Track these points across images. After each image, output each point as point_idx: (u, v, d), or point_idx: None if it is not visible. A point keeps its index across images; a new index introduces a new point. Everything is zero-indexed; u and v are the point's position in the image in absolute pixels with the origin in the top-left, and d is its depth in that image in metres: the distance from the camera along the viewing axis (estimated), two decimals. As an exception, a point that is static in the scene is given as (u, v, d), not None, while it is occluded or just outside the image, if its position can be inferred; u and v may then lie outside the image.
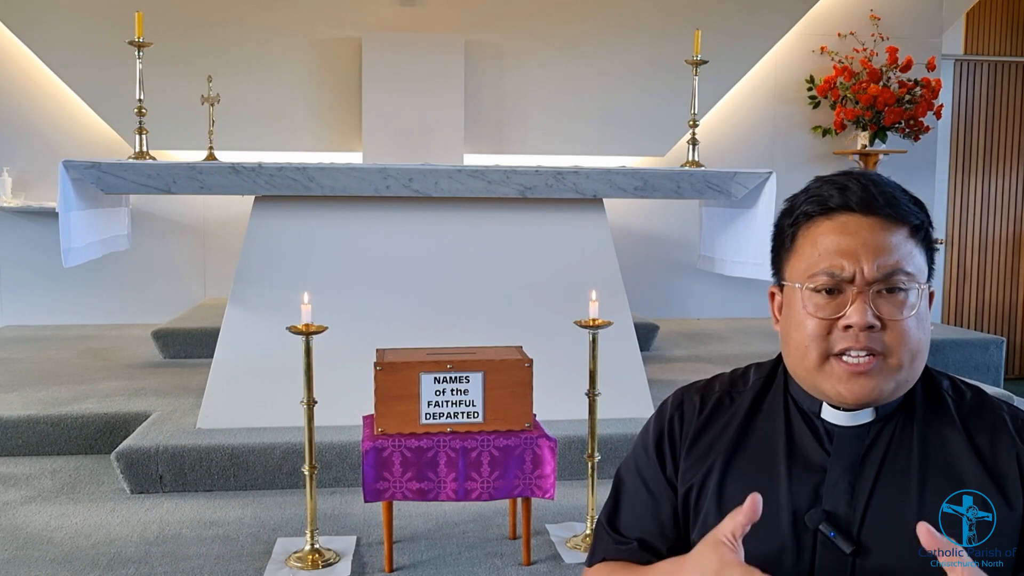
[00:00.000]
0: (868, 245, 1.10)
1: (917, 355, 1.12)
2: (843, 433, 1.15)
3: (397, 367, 2.58)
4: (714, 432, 1.22)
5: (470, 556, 2.71)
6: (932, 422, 1.15)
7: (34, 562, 2.62)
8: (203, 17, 5.60)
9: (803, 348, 1.13)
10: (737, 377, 1.28)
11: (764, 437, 1.20)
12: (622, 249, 4.42)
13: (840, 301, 1.11)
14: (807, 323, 1.12)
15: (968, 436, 1.13)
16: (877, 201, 1.11)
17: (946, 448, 1.13)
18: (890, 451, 1.14)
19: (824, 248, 1.12)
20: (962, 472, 1.11)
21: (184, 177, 3.40)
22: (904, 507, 1.10)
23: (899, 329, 1.10)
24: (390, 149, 5.51)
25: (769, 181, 3.69)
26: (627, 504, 1.28)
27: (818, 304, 1.12)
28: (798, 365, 1.15)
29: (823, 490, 1.13)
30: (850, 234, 1.11)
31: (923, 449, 1.13)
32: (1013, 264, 7.07)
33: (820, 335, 1.11)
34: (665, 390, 3.87)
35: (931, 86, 6.01)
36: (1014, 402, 4.15)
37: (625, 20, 5.93)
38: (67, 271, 4.82)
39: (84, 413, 3.64)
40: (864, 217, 1.12)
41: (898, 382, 1.11)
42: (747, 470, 1.18)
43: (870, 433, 1.15)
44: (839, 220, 1.13)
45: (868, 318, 1.08)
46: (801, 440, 1.17)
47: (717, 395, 1.26)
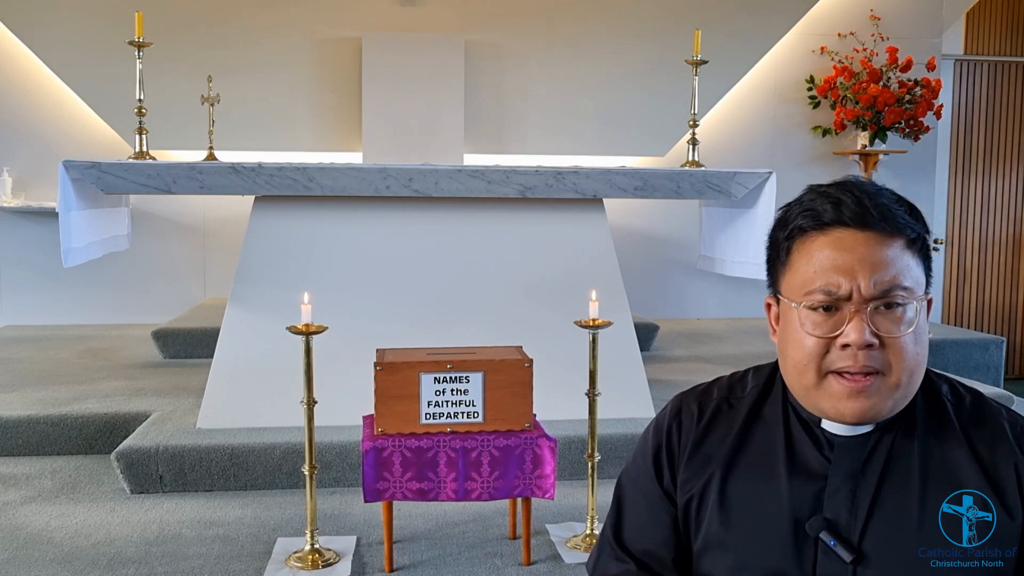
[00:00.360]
0: (864, 261, 1.08)
1: (915, 372, 1.11)
2: (843, 442, 1.14)
3: (397, 367, 2.58)
4: (713, 440, 1.22)
5: (470, 556, 2.71)
6: (933, 430, 1.14)
7: (34, 562, 2.62)
8: (203, 17, 5.60)
9: (801, 367, 1.12)
10: (735, 382, 1.27)
11: (764, 444, 1.19)
12: (622, 249, 4.42)
13: (837, 319, 1.09)
14: (805, 342, 1.11)
15: (969, 444, 1.13)
16: (872, 215, 1.09)
17: (947, 456, 1.12)
18: (891, 459, 1.13)
19: (819, 265, 1.10)
20: (963, 480, 1.10)
21: (184, 177, 3.40)
22: (906, 515, 1.10)
23: (897, 346, 1.08)
24: (390, 149, 5.51)
25: (769, 181, 3.69)
26: (629, 514, 1.28)
27: (815, 322, 1.10)
28: (796, 383, 1.15)
29: (824, 498, 1.12)
30: (846, 250, 1.09)
31: (924, 457, 1.12)
32: (1013, 264, 7.07)
33: (818, 354, 1.10)
34: (665, 390, 3.90)
35: (931, 86, 6.01)
36: (1014, 404, 4.17)
37: (625, 20, 5.93)
38: (67, 271, 4.82)
39: (84, 413, 3.64)
40: (859, 232, 1.10)
41: (895, 400, 1.10)
42: (747, 478, 1.18)
43: (870, 441, 1.14)
44: (834, 235, 1.11)
45: (866, 336, 1.07)
46: (801, 448, 1.16)
47: (715, 402, 1.25)
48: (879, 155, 6.09)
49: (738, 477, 1.18)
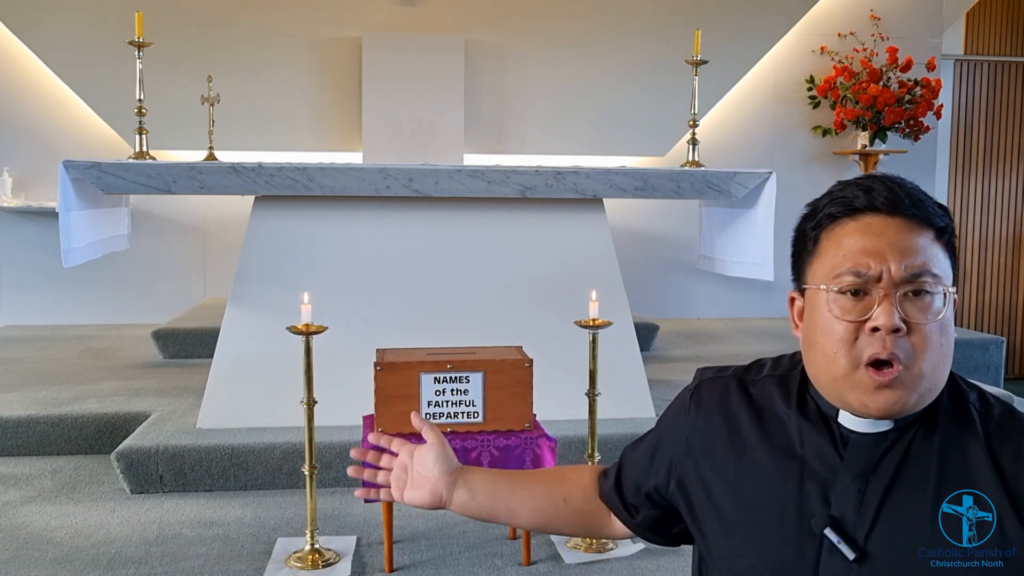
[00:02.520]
0: (895, 245, 1.08)
1: (939, 364, 1.09)
2: (859, 439, 1.13)
3: (397, 367, 2.58)
4: (727, 426, 1.21)
5: (470, 556, 2.71)
6: (955, 435, 1.12)
7: (34, 562, 2.62)
8: (203, 17, 5.60)
9: (831, 354, 1.10)
10: (753, 369, 1.27)
11: (777, 436, 1.18)
12: (622, 249, 4.42)
13: (866, 303, 1.08)
14: (835, 327, 1.09)
15: (991, 452, 1.10)
16: (903, 202, 1.09)
17: (967, 462, 1.10)
18: (907, 460, 1.11)
19: (849, 248, 1.10)
20: (982, 491, 1.08)
21: (184, 177, 3.40)
22: (916, 518, 1.08)
23: (923, 333, 1.07)
24: (390, 149, 5.51)
25: (769, 181, 3.69)
26: (644, 446, 1.33)
27: (844, 307, 1.09)
28: (824, 372, 1.12)
29: (831, 495, 1.11)
30: (876, 234, 1.09)
31: (942, 462, 1.11)
32: (1013, 264, 7.07)
33: (848, 340, 1.08)
34: (665, 390, 3.89)
35: (931, 86, 6.01)
36: (1014, 402, 4.16)
37: (625, 20, 5.94)
38: (67, 271, 4.80)
39: (84, 413, 3.64)
40: (890, 218, 1.09)
41: (920, 393, 1.09)
42: (757, 466, 1.17)
43: (886, 441, 1.12)
44: (864, 221, 1.10)
45: (895, 320, 1.05)
46: (815, 442, 1.15)
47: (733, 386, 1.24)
48: (879, 155, 6.09)
49: (748, 464, 1.17)
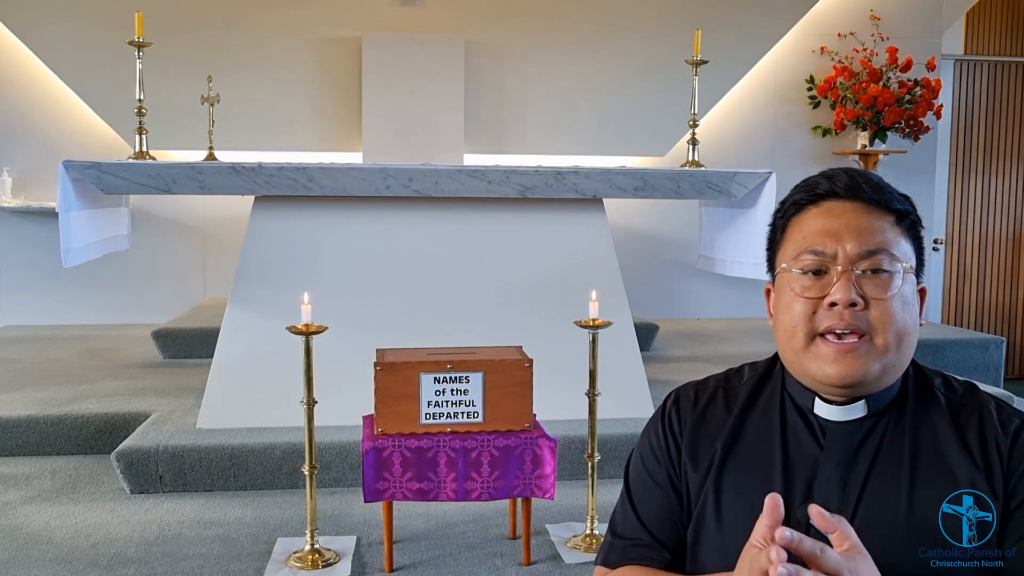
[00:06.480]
0: (851, 226, 1.14)
1: (904, 338, 1.13)
2: (836, 428, 1.16)
3: (397, 367, 2.58)
4: (710, 427, 1.24)
5: (470, 556, 2.71)
6: (923, 418, 1.16)
7: (34, 562, 2.62)
8: (203, 17, 5.60)
9: (790, 329, 1.15)
10: (732, 374, 1.31)
11: (760, 432, 1.21)
12: (622, 249, 4.42)
13: (825, 281, 1.13)
14: (795, 305, 1.15)
15: (958, 430, 1.15)
16: (863, 188, 1.15)
17: (937, 443, 1.14)
18: (882, 446, 1.15)
19: (810, 230, 1.16)
20: (952, 467, 1.12)
21: (184, 177, 3.40)
22: (895, 502, 1.11)
23: (883, 308, 1.11)
24: (390, 149, 5.51)
25: (769, 181, 3.69)
26: (639, 501, 1.29)
27: (804, 286, 1.15)
28: (786, 347, 1.18)
29: (815, 485, 1.14)
30: (835, 216, 1.15)
31: (914, 445, 1.14)
32: (1013, 264, 7.07)
33: (806, 315, 1.14)
34: (665, 390, 3.86)
35: (931, 86, 6.01)
36: (1014, 402, 4.16)
37: (625, 20, 5.93)
38: (67, 271, 4.82)
39: (84, 413, 3.64)
40: (849, 202, 1.16)
41: (884, 365, 1.12)
42: (743, 465, 1.20)
43: (863, 428, 1.16)
44: (825, 206, 1.17)
45: (851, 295, 1.10)
46: (796, 435, 1.19)
47: (711, 390, 1.28)
48: (879, 155, 6.09)
49: (734, 463, 1.20)
